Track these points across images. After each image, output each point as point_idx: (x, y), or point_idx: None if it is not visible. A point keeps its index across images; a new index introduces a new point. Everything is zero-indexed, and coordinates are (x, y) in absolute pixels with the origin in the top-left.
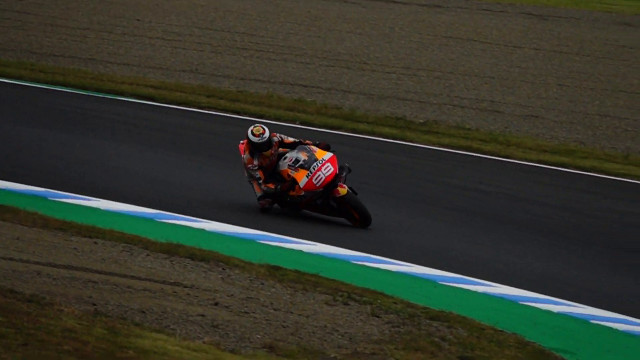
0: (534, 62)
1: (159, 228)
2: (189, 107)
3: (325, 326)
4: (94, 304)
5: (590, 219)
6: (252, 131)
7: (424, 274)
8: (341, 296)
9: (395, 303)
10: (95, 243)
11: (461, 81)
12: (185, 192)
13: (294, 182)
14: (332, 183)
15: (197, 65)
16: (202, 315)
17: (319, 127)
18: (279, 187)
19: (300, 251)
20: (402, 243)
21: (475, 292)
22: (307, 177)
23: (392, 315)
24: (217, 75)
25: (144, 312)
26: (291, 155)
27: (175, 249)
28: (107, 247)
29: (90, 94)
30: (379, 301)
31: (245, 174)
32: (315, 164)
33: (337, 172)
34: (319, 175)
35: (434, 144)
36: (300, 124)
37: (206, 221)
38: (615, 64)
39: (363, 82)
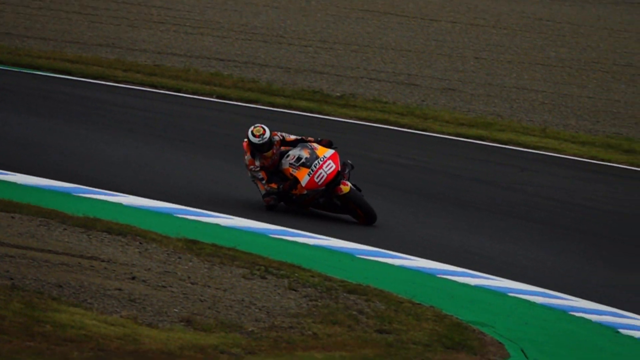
0: (450, 35)
1: (76, 202)
2: (106, 81)
3: (242, 300)
4: (11, 279)
5: (508, 191)
6: (252, 132)
7: (341, 248)
8: (258, 270)
9: (312, 276)
10: (12, 217)
11: (378, 54)
12: (102, 166)
13: (296, 181)
14: (335, 181)
15: (113, 39)
16: (120, 290)
17: (236, 101)
18: (281, 186)
19: (217, 225)
20: (319, 216)
21: (392, 266)
22: (308, 175)
23: (309, 289)
24: (134, 49)
25: (61, 286)
26: (293, 153)
27: (93, 223)
28: (24, 221)
29: (7, 69)
30: (296, 275)
31: (249, 174)
32: (316, 161)
33: (339, 169)
34: (321, 174)
35: (351, 117)
36: (217, 97)
37: (123, 195)
38: (532, 37)
39: (280, 56)
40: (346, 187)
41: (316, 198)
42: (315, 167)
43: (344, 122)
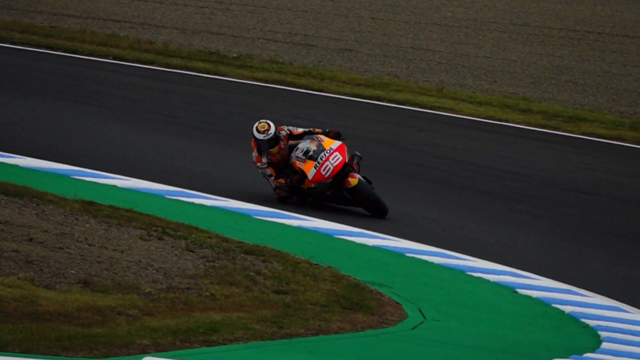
0: None
1: None
2: (2, 43)
3: (139, 261)
4: None
5: (405, 151)
6: (256, 128)
7: (238, 209)
8: (156, 231)
9: (210, 237)
10: None
11: (274, 15)
12: None
13: (303, 174)
14: (342, 173)
15: (9, 1)
16: (17, 251)
17: (133, 62)
18: (288, 181)
19: (114, 186)
20: (215, 177)
21: (289, 226)
22: (315, 168)
23: (206, 250)
24: (30, 11)
25: None
26: (302, 146)
27: None
28: None
29: None
30: (193, 236)
31: (259, 170)
32: (322, 153)
33: (346, 160)
34: (327, 166)
35: (247, 78)
36: (114, 59)
37: (20, 157)
38: None
39: (176, 17)
40: (354, 179)
41: (324, 191)
42: (321, 159)
43: (241, 83)
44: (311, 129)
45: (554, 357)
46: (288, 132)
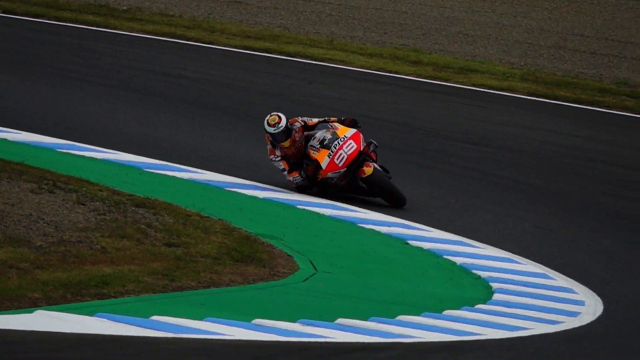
0: None
1: None
2: None
3: (30, 214)
4: None
5: (296, 104)
6: (267, 121)
7: (129, 162)
8: (46, 184)
9: (100, 191)
10: None
11: None
12: None
13: (317, 163)
14: (357, 161)
15: None
16: None
17: (22, 15)
18: (303, 172)
19: (5, 140)
20: (106, 130)
21: (180, 179)
22: (328, 157)
23: (97, 203)
24: None
25: None
26: (319, 135)
27: None
28: None
29: None
30: (84, 189)
31: (273, 164)
32: (336, 142)
33: (361, 149)
34: (341, 154)
35: (137, 31)
36: (3, 12)
37: None
38: None
39: None
40: (369, 168)
41: (340, 181)
42: (335, 148)
43: (131, 35)
44: (326, 118)
45: (446, 308)
46: (302, 123)
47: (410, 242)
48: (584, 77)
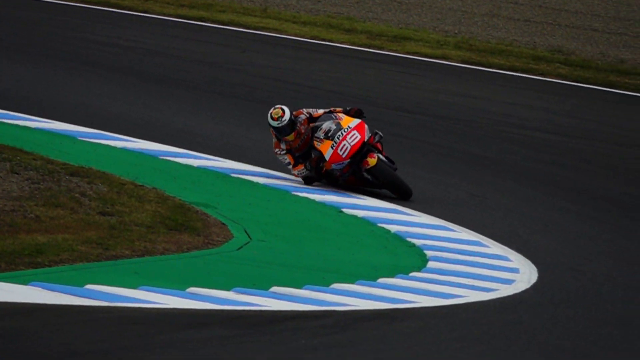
0: None
1: None
2: None
3: None
4: None
5: (229, 72)
6: (270, 115)
7: (63, 130)
8: None
9: (34, 159)
10: None
11: None
12: None
13: (321, 155)
14: (360, 152)
15: None
16: None
17: None
18: (308, 164)
19: None
20: (39, 98)
21: (114, 148)
22: (332, 148)
23: (31, 172)
24: None
25: None
26: (325, 126)
27: None
28: None
29: None
30: (18, 158)
31: (278, 157)
32: (339, 133)
33: (365, 139)
34: (344, 145)
35: (71, 0)
36: None
37: None
38: None
39: None
40: (373, 159)
41: (344, 172)
42: (338, 138)
43: (64, 5)
44: (331, 109)
45: (381, 276)
46: (307, 115)
47: (344, 210)
48: (518, 45)
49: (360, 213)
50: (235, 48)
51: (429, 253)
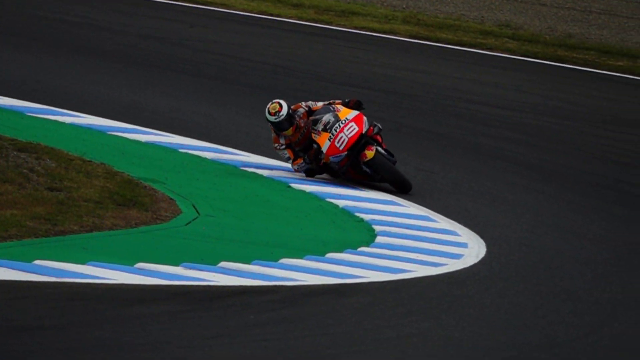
0: None
1: None
2: None
3: None
4: None
5: (177, 47)
6: (268, 109)
7: (10, 106)
8: None
9: None
10: None
11: None
12: None
13: (319, 147)
14: (358, 144)
15: None
16: None
17: None
18: (306, 157)
19: None
20: None
21: (63, 123)
22: (329, 140)
23: None
24: None
25: None
26: (325, 118)
27: None
28: None
29: None
30: None
31: (277, 152)
32: (337, 124)
33: (362, 131)
34: (341, 137)
35: None
36: None
37: None
38: None
39: None
40: (371, 152)
41: (342, 165)
42: (335, 130)
43: None
44: (331, 101)
45: (329, 251)
46: (306, 108)
47: (292, 185)
48: (465, 20)
49: (308, 188)
50: (183, 23)
51: (377, 228)
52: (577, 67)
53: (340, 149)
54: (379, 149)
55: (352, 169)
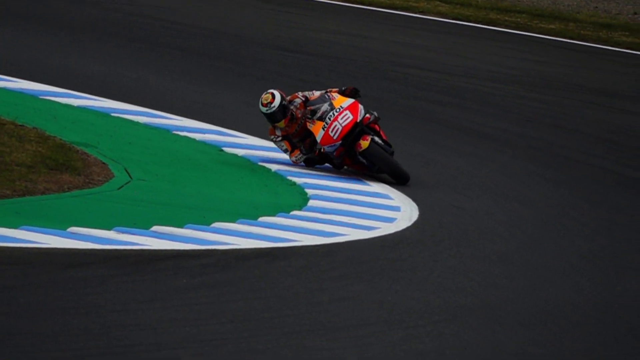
0: None
1: None
2: None
3: None
4: None
5: (108, 11)
6: (260, 100)
7: None
8: None
9: None
10: None
11: None
12: None
13: (313, 137)
14: (352, 133)
15: None
16: None
17: None
18: (302, 148)
19: None
20: None
21: None
22: (323, 129)
23: None
24: None
25: None
26: (323, 108)
27: None
28: None
29: None
30: None
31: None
32: (331, 113)
33: (357, 120)
34: (335, 126)
35: None
36: None
37: None
38: None
39: None
40: (365, 142)
41: (336, 156)
42: (329, 119)
43: None
44: (327, 90)
45: (261, 215)
46: (303, 98)
47: (225, 149)
48: None
49: (240, 152)
50: None
51: (309, 191)
52: (509, 30)
53: (334, 138)
54: (376, 138)
55: (349, 159)
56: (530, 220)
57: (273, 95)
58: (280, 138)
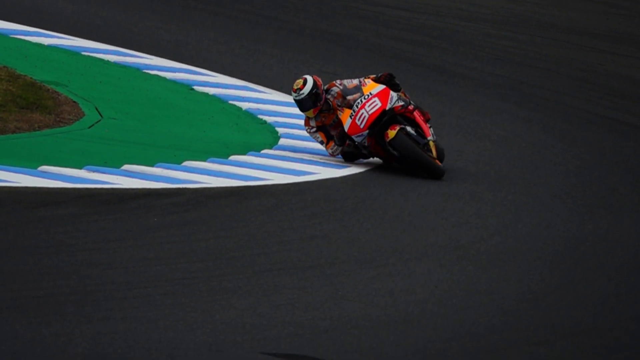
0: None
1: None
2: None
3: None
4: None
5: None
6: (293, 85)
7: None
8: None
9: None
10: None
11: None
12: None
13: (342, 125)
14: (379, 122)
15: None
16: None
17: None
18: (336, 139)
19: None
20: None
21: None
22: (350, 117)
23: None
24: None
25: None
26: (354, 95)
27: None
28: None
29: None
30: None
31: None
32: (359, 100)
33: (386, 107)
34: (362, 114)
35: None
36: None
37: None
38: None
39: None
40: (393, 131)
41: (365, 145)
42: (357, 107)
43: None
44: (365, 77)
45: (232, 153)
46: (341, 87)
47: (195, 87)
48: None
49: (211, 90)
50: None
51: (280, 130)
52: None
53: (361, 127)
54: (408, 128)
55: (382, 150)
56: (501, 158)
57: (305, 82)
58: (314, 129)
